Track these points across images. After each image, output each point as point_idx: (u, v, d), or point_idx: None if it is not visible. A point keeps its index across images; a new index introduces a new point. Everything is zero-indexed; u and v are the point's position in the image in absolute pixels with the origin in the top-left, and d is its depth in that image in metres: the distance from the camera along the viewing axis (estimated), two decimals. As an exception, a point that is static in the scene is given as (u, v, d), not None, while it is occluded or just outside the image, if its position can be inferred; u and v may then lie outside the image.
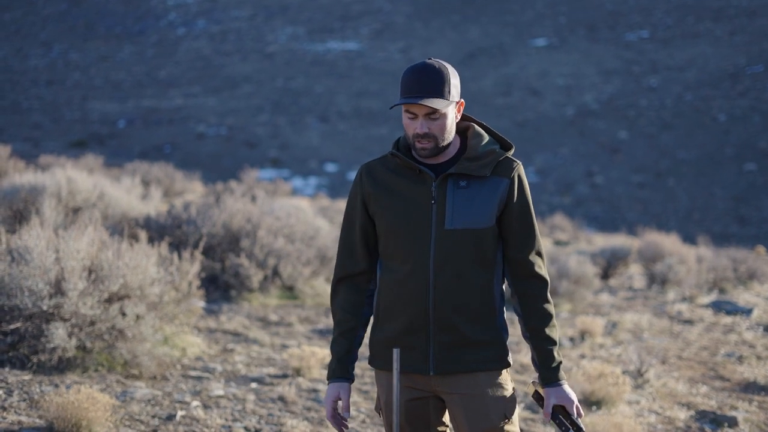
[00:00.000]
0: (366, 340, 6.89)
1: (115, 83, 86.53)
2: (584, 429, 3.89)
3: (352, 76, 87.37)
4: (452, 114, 3.87)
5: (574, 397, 3.91)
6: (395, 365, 3.80)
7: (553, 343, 3.92)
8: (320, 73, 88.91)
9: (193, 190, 27.55)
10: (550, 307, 3.94)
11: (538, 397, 3.98)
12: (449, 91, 3.81)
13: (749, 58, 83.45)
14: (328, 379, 4.03)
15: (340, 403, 4.02)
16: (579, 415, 3.90)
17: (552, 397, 3.90)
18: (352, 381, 4.05)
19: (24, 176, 14.71)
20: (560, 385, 3.90)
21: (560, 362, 3.92)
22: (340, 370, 4.02)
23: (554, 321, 3.94)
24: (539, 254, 3.96)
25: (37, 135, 67.13)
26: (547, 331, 3.91)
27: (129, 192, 16.92)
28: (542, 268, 3.97)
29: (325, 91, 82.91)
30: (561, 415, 3.90)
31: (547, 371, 3.91)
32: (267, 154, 64.95)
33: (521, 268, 3.94)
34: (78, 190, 14.10)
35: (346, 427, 4.05)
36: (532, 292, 3.94)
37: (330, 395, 4.01)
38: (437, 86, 3.80)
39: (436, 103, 3.77)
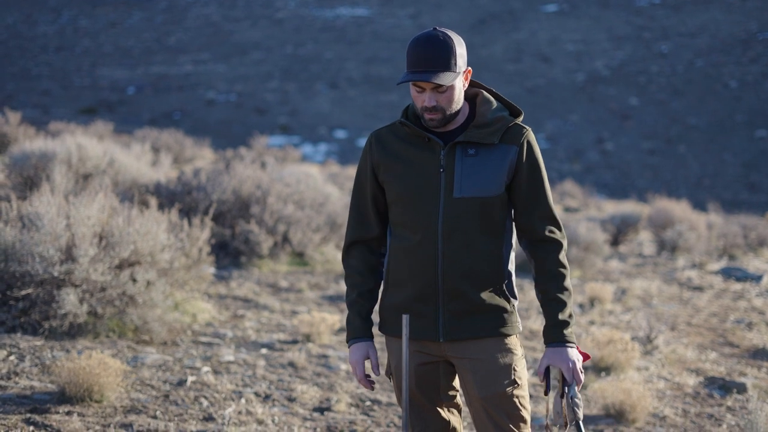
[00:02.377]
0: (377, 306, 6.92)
1: (124, 50, 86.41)
2: (573, 394, 3.77)
3: (361, 42, 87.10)
4: (460, 84, 3.85)
5: (572, 360, 3.83)
6: (404, 331, 3.81)
7: (560, 303, 3.86)
8: (330, 39, 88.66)
9: (203, 157, 27.55)
10: (563, 270, 3.90)
11: None
12: (455, 63, 3.78)
13: (761, 24, 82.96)
14: (351, 339, 4.04)
15: (368, 362, 4.04)
16: (577, 381, 3.82)
17: (546, 357, 3.86)
18: (373, 339, 4.06)
19: (34, 143, 14.73)
20: (559, 345, 3.84)
21: (565, 322, 3.84)
22: (364, 330, 4.03)
23: (565, 283, 3.89)
24: (551, 218, 3.93)
25: (47, 101, 67.14)
26: (555, 291, 3.87)
27: (139, 159, 16.94)
28: (555, 231, 3.93)
29: (334, 57, 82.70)
30: (558, 376, 3.85)
31: (548, 330, 3.87)
32: (277, 121, 64.88)
33: (533, 233, 3.92)
34: (88, 156, 14.13)
35: (373, 383, 4.07)
36: (544, 255, 3.91)
37: (359, 355, 4.02)
38: (443, 59, 3.76)
39: (443, 78, 3.75)
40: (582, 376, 3.84)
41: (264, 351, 8.38)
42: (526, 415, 3.96)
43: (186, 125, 54.09)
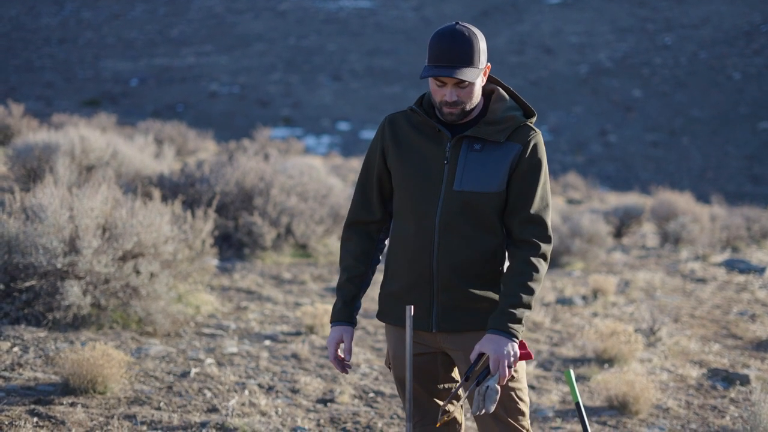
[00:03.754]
0: (375, 294, 6.90)
1: (127, 42, 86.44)
2: (487, 385, 3.69)
3: (364, 34, 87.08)
4: (479, 80, 3.85)
5: (508, 352, 3.71)
6: (408, 322, 3.81)
7: (516, 297, 3.76)
8: (333, 31, 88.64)
9: (206, 149, 27.57)
10: (529, 269, 3.80)
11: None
12: (479, 59, 3.77)
13: (764, 16, 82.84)
14: (331, 322, 4.05)
15: (342, 345, 4.05)
16: (501, 374, 3.69)
17: (482, 342, 3.75)
18: (355, 325, 4.07)
19: (37, 135, 14.75)
20: (499, 334, 3.73)
21: (514, 315, 3.73)
22: (344, 314, 4.03)
23: (529, 283, 3.78)
24: (535, 222, 3.85)
25: (50, 94, 67.18)
26: (514, 286, 3.77)
27: (142, 150, 16.95)
28: (536, 235, 3.85)
29: (337, 49, 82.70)
30: (482, 363, 3.77)
31: (494, 317, 3.77)
32: (279, 113, 64.93)
33: (511, 231, 3.88)
34: (91, 148, 14.14)
35: (349, 367, 4.08)
36: (516, 251, 3.84)
37: (333, 338, 4.02)
38: (468, 55, 3.75)
39: (467, 74, 3.73)
40: (509, 373, 3.72)
41: (267, 343, 8.39)
42: (524, 407, 3.95)
43: (189, 117, 54.13)
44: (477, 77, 3.77)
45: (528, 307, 3.76)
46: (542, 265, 3.83)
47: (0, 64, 76.67)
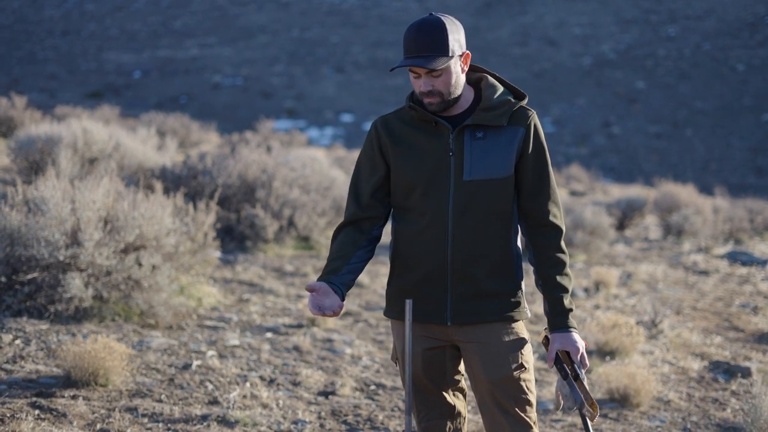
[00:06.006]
0: (381, 290, 6.89)
1: (130, 33, 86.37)
2: (583, 377, 3.88)
3: (368, 26, 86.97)
4: (456, 67, 3.84)
5: (580, 345, 3.88)
6: (407, 315, 3.81)
7: (564, 290, 3.91)
8: (336, 23, 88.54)
9: (209, 141, 27.54)
10: (564, 256, 3.93)
11: (546, 344, 3.97)
12: (449, 47, 3.78)
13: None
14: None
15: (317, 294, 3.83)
16: (584, 364, 3.89)
17: (556, 342, 3.90)
18: (340, 295, 3.84)
19: (40, 127, 14.75)
20: (567, 331, 3.89)
21: (570, 310, 3.91)
22: (325, 275, 3.87)
23: (567, 270, 3.93)
24: (554, 203, 3.94)
25: (53, 85, 67.18)
26: (558, 278, 3.91)
27: (145, 143, 16.94)
28: (557, 217, 3.94)
29: (341, 41, 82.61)
30: (564, 361, 3.90)
31: (555, 317, 3.91)
32: (283, 105, 64.90)
33: (535, 216, 3.93)
34: (94, 140, 14.14)
35: (330, 310, 3.79)
36: (545, 240, 3.93)
37: (312, 285, 3.82)
38: (436, 43, 3.76)
39: (433, 63, 3.74)
40: (587, 360, 3.92)
41: (269, 335, 8.40)
42: (532, 398, 3.97)
43: (192, 109, 54.14)
44: (445, 65, 3.77)
45: (571, 292, 3.95)
46: (566, 247, 3.99)
47: (3, 56, 76.69)
